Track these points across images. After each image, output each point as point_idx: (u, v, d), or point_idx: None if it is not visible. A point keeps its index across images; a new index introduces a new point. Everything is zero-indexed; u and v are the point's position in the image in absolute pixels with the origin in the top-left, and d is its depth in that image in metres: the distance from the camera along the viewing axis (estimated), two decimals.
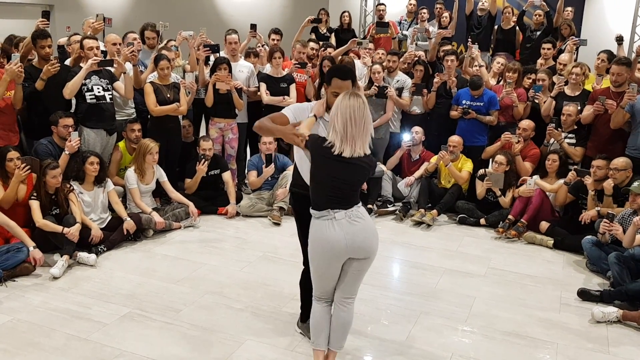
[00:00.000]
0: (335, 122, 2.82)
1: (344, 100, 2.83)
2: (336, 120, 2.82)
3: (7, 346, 3.36)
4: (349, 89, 3.04)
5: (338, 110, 2.82)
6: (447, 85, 6.38)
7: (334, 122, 2.84)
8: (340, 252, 2.90)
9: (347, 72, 3.16)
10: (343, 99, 2.84)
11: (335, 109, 2.84)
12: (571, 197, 5.35)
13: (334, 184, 2.90)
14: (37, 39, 5.12)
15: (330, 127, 2.86)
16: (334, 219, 2.88)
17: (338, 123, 2.81)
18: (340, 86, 3.07)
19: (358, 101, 2.83)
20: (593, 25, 9.28)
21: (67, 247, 4.44)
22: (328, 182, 2.90)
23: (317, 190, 2.95)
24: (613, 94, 5.39)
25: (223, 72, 5.88)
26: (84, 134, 5.25)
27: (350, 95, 2.85)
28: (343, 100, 2.83)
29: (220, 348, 3.42)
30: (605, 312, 3.87)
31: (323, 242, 2.90)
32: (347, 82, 3.10)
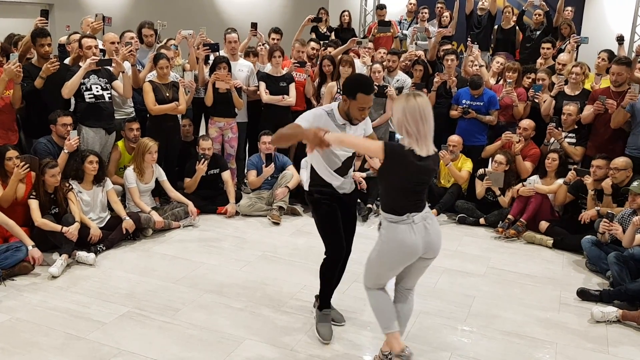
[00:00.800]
0: (407, 125, 2.83)
1: (408, 101, 2.83)
2: (406, 122, 2.83)
3: (6, 345, 3.36)
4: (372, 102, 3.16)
5: (406, 112, 2.83)
6: (447, 84, 6.37)
7: (404, 125, 2.84)
8: (416, 254, 2.98)
9: (370, 84, 3.23)
10: (407, 101, 2.84)
11: (402, 112, 2.84)
12: (571, 196, 5.34)
13: (415, 188, 2.95)
14: (37, 37, 5.11)
15: (402, 131, 2.87)
16: (413, 223, 2.93)
17: (410, 125, 2.83)
18: (367, 101, 3.15)
19: (424, 99, 2.88)
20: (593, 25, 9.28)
21: (66, 246, 4.44)
22: (410, 187, 2.94)
23: (396, 197, 2.96)
24: (613, 93, 5.38)
25: (222, 71, 5.88)
26: (82, 133, 5.25)
27: (413, 96, 2.86)
28: (407, 101, 2.83)
29: (219, 347, 3.41)
30: (604, 311, 3.86)
31: (402, 245, 2.95)
32: (372, 96, 3.18)
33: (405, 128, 2.85)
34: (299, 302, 4.00)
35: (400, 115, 2.86)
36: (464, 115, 6.10)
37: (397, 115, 2.88)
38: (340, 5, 10.23)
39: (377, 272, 3.12)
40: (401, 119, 2.85)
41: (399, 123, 2.87)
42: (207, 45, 6.16)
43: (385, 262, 3.07)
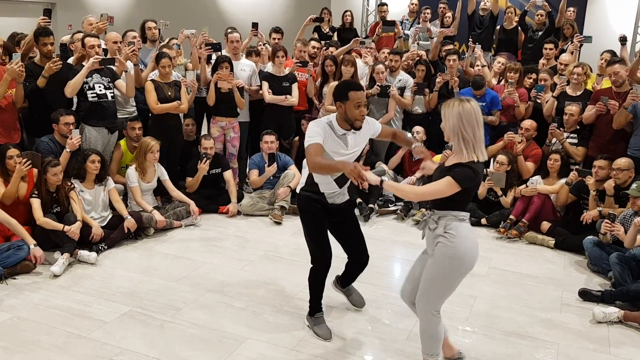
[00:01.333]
0: (463, 131, 2.76)
1: (464, 106, 2.76)
2: (463, 128, 2.76)
3: (8, 344, 3.36)
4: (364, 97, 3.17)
5: (462, 117, 2.75)
6: (449, 85, 6.36)
7: (459, 131, 2.77)
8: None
9: (357, 83, 3.35)
10: (463, 105, 2.76)
11: (457, 117, 2.76)
12: (572, 197, 5.34)
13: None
14: (39, 36, 5.12)
15: (458, 139, 2.78)
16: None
17: (467, 130, 2.76)
18: (360, 97, 3.13)
19: (474, 104, 2.80)
20: (595, 25, 9.27)
21: (67, 245, 4.44)
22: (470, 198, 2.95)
23: (465, 199, 2.93)
24: (615, 94, 5.38)
25: (225, 71, 5.88)
26: (85, 132, 5.26)
27: (464, 101, 2.79)
28: (463, 106, 2.76)
29: (220, 347, 3.42)
30: (606, 312, 3.86)
31: (474, 245, 2.94)
32: (363, 92, 3.19)
33: (461, 134, 2.77)
34: (301, 302, 4.00)
35: (455, 120, 2.77)
36: None
37: (452, 120, 2.78)
38: (342, 5, 10.22)
39: (447, 286, 2.91)
40: (456, 125, 2.77)
41: (454, 129, 2.78)
42: (210, 45, 6.16)
43: (460, 271, 2.88)
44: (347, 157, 3.26)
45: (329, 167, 3.05)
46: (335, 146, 3.22)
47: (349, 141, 3.25)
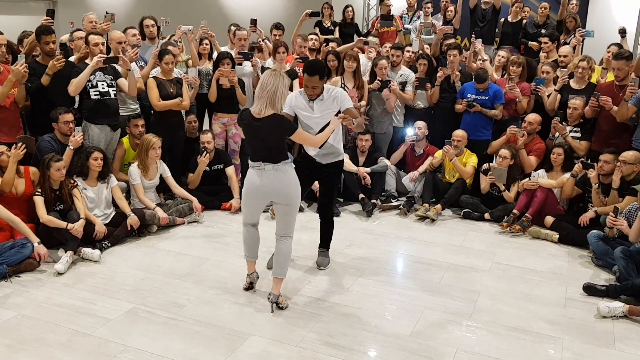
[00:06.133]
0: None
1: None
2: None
3: (12, 342, 3.37)
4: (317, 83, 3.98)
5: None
6: (450, 79, 6.34)
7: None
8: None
9: (313, 68, 3.99)
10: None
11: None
12: (578, 190, 5.32)
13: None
14: (41, 35, 5.12)
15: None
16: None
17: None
18: (306, 80, 4.01)
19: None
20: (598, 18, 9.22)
21: (71, 242, 4.45)
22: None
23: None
24: (616, 87, 5.36)
25: (226, 67, 5.87)
26: (87, 129, 5.26)
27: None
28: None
29: (224, 343, 3.42)
30: (611, 307, 3.84)
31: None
32: (313, 77, 3.96)
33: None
34: (304, 298, 4.00)
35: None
36: (469, 109, 6.07)
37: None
38: None
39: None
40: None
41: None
42: (241, 54, 6.12)
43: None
44: (316, 118, 4.11)
45: (324, 137, 3.87)
46: (306, 109, 4.13)
47: (314, 108, 4.10)
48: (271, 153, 3.67)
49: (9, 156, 4.51)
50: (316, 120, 4.12)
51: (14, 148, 4.49)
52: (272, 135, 3.63)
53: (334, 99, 4.10)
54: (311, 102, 4.10)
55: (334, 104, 4.10)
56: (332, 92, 4.13)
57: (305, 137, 3.86)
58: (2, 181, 4.48)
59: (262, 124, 3.59)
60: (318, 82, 3.98)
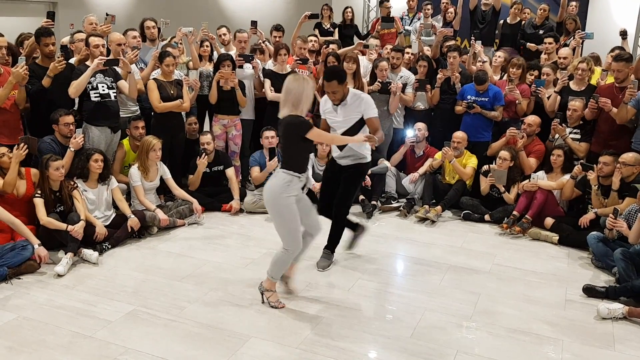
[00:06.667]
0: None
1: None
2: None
3: (13, 344, 3.37)
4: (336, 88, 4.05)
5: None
6: (450, 81, 6.35)
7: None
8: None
9: (331, 74, 4.08)
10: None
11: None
12: (577, 191, 5.32)
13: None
14: (41, 37, 5.13)
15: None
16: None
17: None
18: (327, 86, 4.09)
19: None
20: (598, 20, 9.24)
21: (71, 244, 4.46)
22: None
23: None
24: (616, 89, 5.36)
25: (227, 69, 5.88)
26: (88, 131, 5.27)
27: None
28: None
29: (224, 345, 3.42)
30: (610, 308, 3.85)
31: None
32: (331, 83, 4.04)
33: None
34: (305, 300, 4.00)
35: None
36: (469, 110, 6.08)
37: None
38: (343, 1, 10.20)
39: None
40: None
41: None
42: (242, 57, 6.14)
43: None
44: (339, 122, 4.22)
45: (340, 139, 4.16)
46: (331, 112, 4.26)
47: (338, 111, 4.21)
48: (284, 155, 3.76)
49: (10, 158, 4.51)
50: (339, 123, 4.21)
51: (16, 148, 4.50)
52: (288, 137, 3.67)
53: (358, 105, 4.15)
54: (336, 106, 4.20)
55: (357, 109, 4.15)
56: (357, 98, 4.16)
57: (319, 133, 3.74)
58: (4, 182, 4.49)
59: (281, 125, 3.66)
60: (337, 86, 4.03)
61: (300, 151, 3.68)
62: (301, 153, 3.70)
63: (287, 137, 3.68)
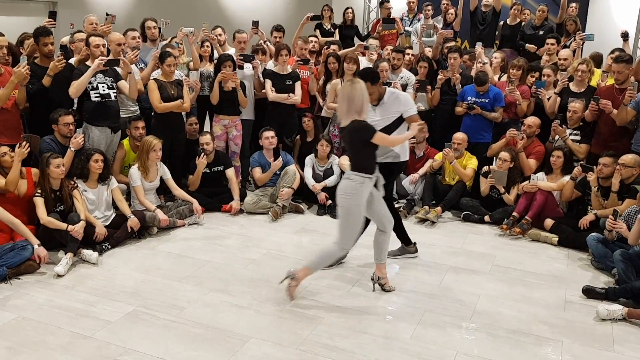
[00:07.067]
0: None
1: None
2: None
3: (13, 344, 3.37)
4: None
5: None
6: (451, 82, 6.35)
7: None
8: None
9: (369, 76, 4.14)
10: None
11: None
12: (577, 193, 5.33)
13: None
14: (39, 36, 5.13)
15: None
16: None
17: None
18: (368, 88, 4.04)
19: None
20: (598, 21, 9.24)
21: (71, 244, 4.45)
22: None
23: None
24: (616, 90, 5.37)
25: (228, 69, 5.89)
26: (88, 131, 5.26)
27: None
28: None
29: (224, 346, 3.42)
30: (610, 309, 3.85)
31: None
32: (374, 86, 4.14)
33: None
34: (305, 301, 4.00)
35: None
36: (469, 111, 6.08)
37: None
38: (343, 2, 10.20)
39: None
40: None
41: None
42: (242, 57, 6.14)
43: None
44: (377, 121, 4.20)
45: (400, 139, 4.14)
46: (370, 112, 4.13)
47: (376, 111, 4.26)
48: (352, 159, 3.91)
49: (11, 157, 4.51)
50: (377, 122, 4.22)
51: (18, 147, 4.50)
52: (353, 142, 3.83)
53: (396, 104, 4.26)
54: (375, 106, 4.26)
55: (396, 108, 4.25)
56: (395, 97, 4.29)
57: (383, 137, 3.90)
58: (6, 180, 4.49)
59: (345, 132, 3.79)
60: (370, 88, 4.08)
61: (368, 154, 3.84)
62: (368, 156, 3.85)
63: (353, 142, 3.84)
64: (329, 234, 5.33)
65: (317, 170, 6.11)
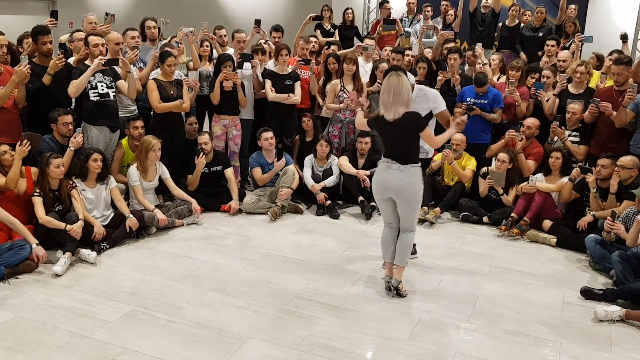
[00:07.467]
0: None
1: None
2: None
3: (10, 343, 3.37)
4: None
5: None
6: (450, 82, 6.35)
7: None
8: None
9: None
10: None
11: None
12: (576, 194, 5.33)
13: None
14: (38, 35, 5.13)
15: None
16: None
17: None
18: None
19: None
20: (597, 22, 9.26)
21: (69, 244, 4.45)
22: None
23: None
24: (615, 92, 5.38)
25: (228, 69, 5.89)
26: (87, 131, 5.26)
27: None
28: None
29: (223, 346, 3.42)
30: (608, 311, 3.85)
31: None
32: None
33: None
34: (303, 301, 4.01)
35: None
36: (468, 112, 6.08)
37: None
38: (343, 2, 10.21)
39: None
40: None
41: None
42: (241, 56, 6.15)
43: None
44: None
45: (443, 139, 4.16)
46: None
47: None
48: (402, 152, 3.93)
49: (12, 155, 4.51)
50: None
51: (19, 145, 4.50)
52: (406, 133, 3.88)
53: (425, 101, 4.30)
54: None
55: (424, 105, 4.28)
56: (423, 93, 4.35)
57: (430, 135, 4.02)
58: (7, 178, 4.49)
59: (396, 124, 3.85)
60: None
61: (414, 145, 3.96)
62: (415, 147, 3.97)
63: (406, 133, 3.89)
64: (328, 234, 5.34)
65: (316, 171, 6.12)
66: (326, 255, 4.86)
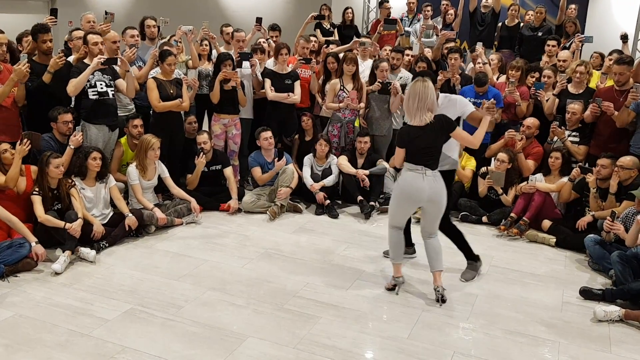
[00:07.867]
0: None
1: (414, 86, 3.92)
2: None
3: (10, 342, 3.37)
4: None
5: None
6: (450, 82, 6.35)
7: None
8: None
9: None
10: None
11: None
12: (575, 194, 5.33)
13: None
14: (37, 33, 5.13)
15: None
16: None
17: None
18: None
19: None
20: (597, 23, 9.25)
21: (69, 242, 4.45)
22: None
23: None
24: (616, 92, 5.38)
25: (228, 68, 5.88)
26: (86, 129, 5.26)
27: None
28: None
29: (222, 345, 3.42)
30: (607, 311, 3.86)
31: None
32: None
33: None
34: (302, 300, 4.01)
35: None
36: None
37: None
38: (343, 1, 10.20)
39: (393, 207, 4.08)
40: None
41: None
42: (240, 55, 6.15)
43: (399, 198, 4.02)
44: None
45: (481, 136, 4.11)
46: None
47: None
48: (433, 158, 3.89)
49: (12, 153, 4.51)
50: None
51: (19, 144, 4.50)
52: (438, 138, 3.89)
53: (452, 107, 4.21)
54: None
55: (452, 110, 4.17)
56: (449, 99, 4.28)
57: (464, 135, 4.01)
58: (7, 177, 4.49)
59: (428, 129, 3.81)
60: None
61: (440, 149, 3.96)
62: (442, 150, 3.98)
63: (439, 138, 3.90)
64: (327, 234, 5.34)
65: (315, 170, 6.12)
66: (325, 254, 4.86)
